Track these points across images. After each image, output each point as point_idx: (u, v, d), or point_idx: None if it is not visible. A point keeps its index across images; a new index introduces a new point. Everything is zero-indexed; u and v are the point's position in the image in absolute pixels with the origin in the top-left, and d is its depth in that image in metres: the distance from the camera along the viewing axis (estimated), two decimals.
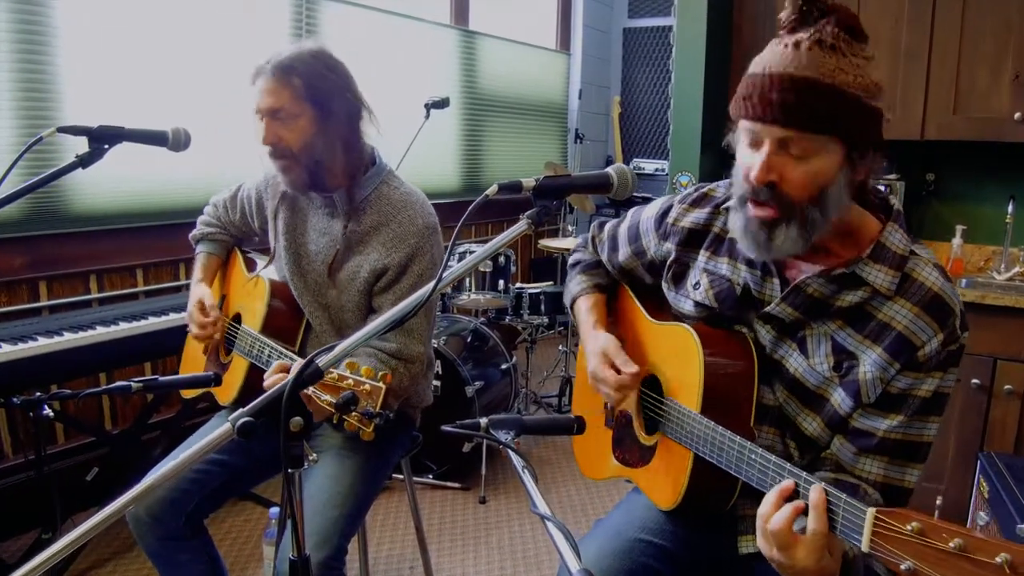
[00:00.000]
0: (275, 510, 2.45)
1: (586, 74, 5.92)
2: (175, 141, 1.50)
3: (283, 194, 1.83)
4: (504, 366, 3.46)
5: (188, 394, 1.98)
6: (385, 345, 1.69)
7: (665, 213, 1.40)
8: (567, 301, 1.61)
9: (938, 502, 2.46)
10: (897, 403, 1.13)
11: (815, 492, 0.96)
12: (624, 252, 1.49)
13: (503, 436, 1.04)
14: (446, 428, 1.06)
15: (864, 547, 0.89)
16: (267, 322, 1.77)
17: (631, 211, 1.52)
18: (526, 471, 0.96)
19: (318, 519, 1.56)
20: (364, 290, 1.74)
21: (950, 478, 2.71)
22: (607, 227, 1.57)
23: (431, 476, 3.22)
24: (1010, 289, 2.81)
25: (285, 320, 1.82)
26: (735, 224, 1.18)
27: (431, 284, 0.94)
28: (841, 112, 1.04)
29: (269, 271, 1.93)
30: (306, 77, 1.64)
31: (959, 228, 3.03)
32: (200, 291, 1.89)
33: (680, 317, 1.36)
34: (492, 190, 1.00)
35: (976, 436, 2.65)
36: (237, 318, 1.89)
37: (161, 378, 1.51)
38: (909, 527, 0.84)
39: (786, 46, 1.07)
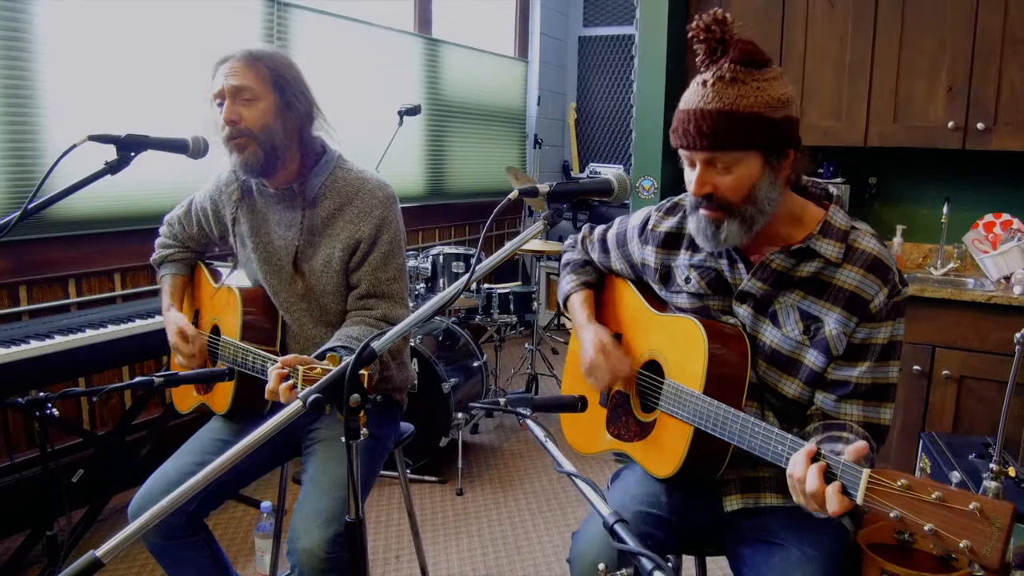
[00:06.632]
0: (266, 504, 2.54)
1: (544, 81, 6.08)
2: (195, 149, 1.59)
3: (239, 200, 1.88)
4: (475, 364, 3.58)
5: (184, 408, 2.01)
6: (371, 312, 1.80)
7: (646, 221, 1.62)
8: (560, 298, 1.80)
9: None
10: (861, 352, 1.35)
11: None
12: (614, 255, 1.70)
13: (522, 410, 1.18)
14: (474, 404, 1.20)
15: (859, 501, 1.05)
16: (245, 330, 1.83)
17: (618, 219, 1.72)
18: (548, 439, 1.09)
19: (325, 499, 1.66)
20: (341, 270, 1.82)
21: (895, 456, 2.94)
22: (596, 231, 1.77)
23: (409, 471, 3.32)
24: (946, 283, 3.06)
25: (261, 324, 1.88)
26: (692, 225, 1.43)
27: (466, 276, 1.06)
28: (750, 129, 1.27)
29: (235, 278, 1.97)
30: (272, 66, 1.73)
31: (899, 228, 3.28)
32: (175, 319, 1.91)
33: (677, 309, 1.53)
34: (513, 194, 1.14)
35: (918, 418, 2.89)
36: (215, 330, 1.93)
37: (180, 372, 1.59)
38: (899, 484, 1.00)
39: (700, 84, 1.30)
